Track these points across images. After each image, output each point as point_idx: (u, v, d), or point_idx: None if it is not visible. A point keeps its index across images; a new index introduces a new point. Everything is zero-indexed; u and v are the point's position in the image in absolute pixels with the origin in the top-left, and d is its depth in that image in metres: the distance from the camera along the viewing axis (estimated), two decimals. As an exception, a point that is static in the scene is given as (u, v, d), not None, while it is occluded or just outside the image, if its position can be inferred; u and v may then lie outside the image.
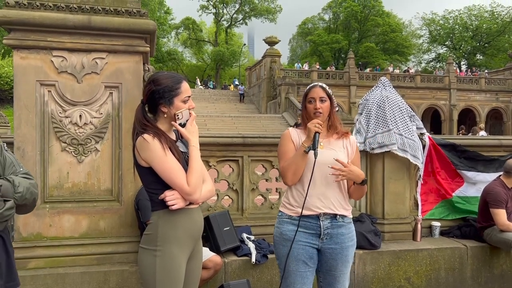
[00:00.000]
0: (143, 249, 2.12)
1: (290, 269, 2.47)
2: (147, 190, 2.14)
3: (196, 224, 2.18)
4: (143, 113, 2.14)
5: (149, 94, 2.12)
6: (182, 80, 2.16)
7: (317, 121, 2.39)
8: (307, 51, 58.68)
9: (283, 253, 2.49)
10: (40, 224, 3.38)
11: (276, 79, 31.79)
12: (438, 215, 4.74)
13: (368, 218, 4.29)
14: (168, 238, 2.07)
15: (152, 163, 2.03)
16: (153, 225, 2.10)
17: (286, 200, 2.57)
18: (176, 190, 2.05)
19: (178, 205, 2.06)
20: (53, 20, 3.27)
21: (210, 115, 28.05)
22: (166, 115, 2.13)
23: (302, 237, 2.46)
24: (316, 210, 2.45)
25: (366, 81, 34.30)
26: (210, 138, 4.12)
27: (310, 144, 2.37)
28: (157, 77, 2.14)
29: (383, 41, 54.29)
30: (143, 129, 2.08)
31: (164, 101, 2.11)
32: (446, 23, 56.18)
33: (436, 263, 4.19)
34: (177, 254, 2.08)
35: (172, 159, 2.03)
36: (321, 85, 2.57)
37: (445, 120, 36.76)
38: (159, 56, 50.75)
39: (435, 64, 57.38)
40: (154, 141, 2.02)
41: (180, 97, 2.12)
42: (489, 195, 4.28)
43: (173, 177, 2.03)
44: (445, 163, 4.73)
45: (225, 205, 4.30)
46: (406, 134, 4.32)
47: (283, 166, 2.50)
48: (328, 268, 2.52)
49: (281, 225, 2.53)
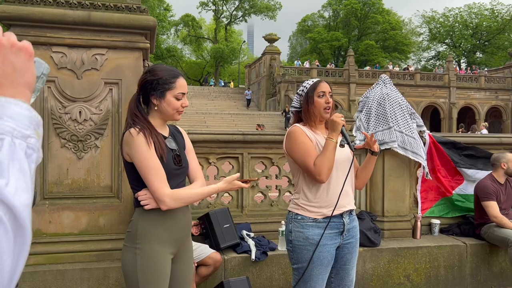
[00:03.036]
0: (125, 247, 2.07)
1: (313, 274, 2.40)
2: (131, 185, 2.11)
3: (179, 224, 2.08)
4: (136, 104, 2.08)
5: (143, 83, 2.07)
6: (179, 76, 2.09)
7: (341, 115, 2.34)
8: (306, 49, 58.62)
9: (307, 257, 2.38)
10: (39, 221, 3.38)
11: (276, 77, 31.76)
12: (438, 213, 4.74)
13: (368, 215, 4.29)
14: (147, 236, 2.00)
15: (133, 159, 1.98)
16: (134, 222, 2.05)
17: (306, 203, 2.41)
18: (150, 190, 1.98)
19: (150, 206, 1.99)
20: (52, 16, 3.25)
21: (209, 112, 28.04)
22: (157, 107, 2.06)
23: (328, 239, 2.39)
24: (342, 209, 2.42)
25: (366, 79, 34.29)
26: (210, 135, 4.11)
27: (342, 138, 2.31)
28: (154, 68, 2.08)
29: (383, 39, 54.23)
30: (133, 121, 2.02)
31: (156, 93, 2.03)
32: (446, 21, 56.13)
33: (435, 261, 4.19)
34: (158, 251, 2.01)
35: (153, 157, 1.95)
36: (325, 81, 2.55)
37: (445, 118, 36.77)
38: (158, 53, 50.64)
39: (434, 62, 57.40)
40: (139, 136, 1.95)
41: (173, 92, 2.04)
42: (478, 189, 4.36)
43: (149, 177, 1.95)
44: (445, 161, 4.73)
45: (224, 202, 4.30)
46: (407, 131, 4.31)
47: (317, 163, 2.29)
48: (343, 263, 2.51)
49: (306, 229, 2.38)
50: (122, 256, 2.08)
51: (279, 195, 4.40)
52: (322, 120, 2.50)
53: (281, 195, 4.40)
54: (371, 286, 4.03)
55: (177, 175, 2.03)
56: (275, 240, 3.97)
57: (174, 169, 2.04)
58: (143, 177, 1.96)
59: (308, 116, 2.47)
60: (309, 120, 2.48)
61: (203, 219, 3.83)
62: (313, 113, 2.45)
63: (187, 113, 26.69)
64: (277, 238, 3.94)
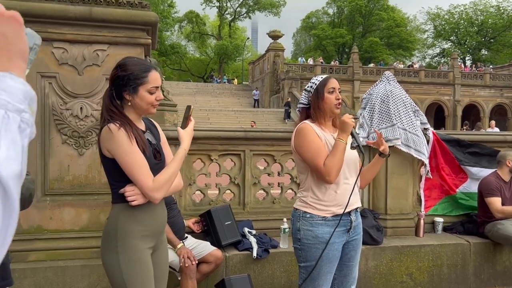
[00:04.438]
0: (105, 248, 2.00)
1: (322, 272, 2.38)
2: (109, 181, 2.04)
3: (158, 220, 2.08)
4: (110, 99, 2.02)
5: (114, 79, 2.00)
6: (151, 69, 2.02)
7: (351, 116, 2.33)
8: (311, 46, 58.39)
9: (315, 256, 2.37)
10: (40, 217, 3.37)
11: (280, 74, 31.69)
12: (441, 211, 4.70)
13: (370, 213, 4.26)
14: (128, 233, 1.96)
15: (115, 155, 1.92)
16: (112, 220, 2.00)
17: (315, 201, 2.38)
18: (137, 185, 1.93)
19: (138, 201, 1.95)
20: (53, 11, 3.23)
21: (213, 109, 28.01)
22: (130, 103, 2.00)
23: (337, 237, 2.39)
24: (350, 207, 2.41)
25: (370, 76, 34.16)
26: (211, 132, 4.09)
27: (352, 140, 2.32)
28: (125, 62, 2.01)
29: (388, 36, 53.91)
30: (110, 116, 1.96)
31: (128, 89, 1.97)
32: (451, 18, 55.74)
33: (438, 259, 4.16)
34: (140, 246, 1.98)
35: (137, 152, 1.92)
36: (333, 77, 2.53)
37: (449, 115, 36.61)
38: (162, 50, 50.62)
39: (439, 59, 57.05)
40: (120, 132, 1.90)
41: (146, 86, 1.98)
42: (481, 185, 4.34)
43: (135, 172, 1.91)
44: (449, 159, 4.69)
45: (226, 199, 4.28)
46: (410, 129, 4.27)
47: (327, 164, 2.27)
48: (347, 260, 2.51)
49: (315, 227, 2.36)
50: (103, 259, 2.01)
51: (281, 192, 4.38)
52: (332, 116, 2.47)
53: (283, 192, 4.38)
54: (374, 285, 4.01)
55: (157, 169, 1.98)
56: (277, 238, 3.95)
57: (155, 163, 2.00)
58: (129, 172, 1.91)
59: (319, 113, 2.42)
60: (318, 117, 2.43)
61: (205, 216, 3.81)
62: (323, 109, 2.41)
63: (191, 110, 26.62)
64: (279, 236, 3.92)
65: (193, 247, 3.44)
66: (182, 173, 4.05)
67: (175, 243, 3.25)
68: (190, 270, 3.19)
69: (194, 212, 4.06)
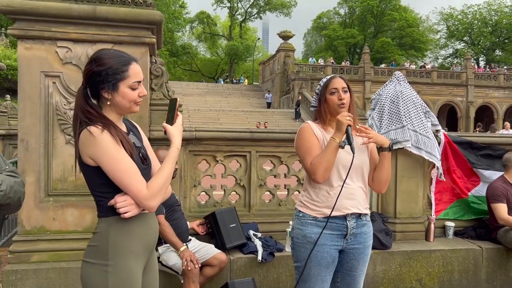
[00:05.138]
0: (90, 264, 1.72)
1: (311, 273, 2.34)
2: (93, 193, 1.75)
3: (152, 232, 1.84)
4: (85, 99, 1.74)
5: (89, 76, 1.72)
6: (131, 61, 1.76)
7: (347, 114, 2.23)
8: (321, 46, 58.17)
9: (305, 256, 2.33)
10: (43, 218, 3.34)
11: (290, 74, 31.60)
12: (453, 215, 4.58)
13: (379, 217, 4.16)
14: (121, 250, 1.71)
15: (100, 163, 1.65)
16: (102, 234, 1.72)
17: (308, 200, 2.37)
18: (129, 194, 1.68)
19: (132, 213, 1.69)
20: (57, 10, 3.20)
21: (223, 109, 28.03)
22: (110, 102, 1.74)
23: (328, 240, 2.31)
24: (344, 211, 2.31)
25: (381, 77, 33.88)
26: (217, 133, 4.03)
27: (343, 139, 2.21)
28: (100, 56, 1.74)
29: (400, 36, 53.46)
30: (88, 118, 1.69)
31: (107, 86, 1.71)
32: (465, 18, 55.07)
33: (449, 265, 4.05)
34: (133, 267, 1.73)
35: (125, 157, 1.67)
36: (340, 76, 2.45)
37: (462, 117, 36.15)
38: (173, 50, 50.88)
39: (452, 60, 56.39)
40: (103, 135, 1.65)
41: (127, 82, 1.72)
42: (487, 190, 4.24)
43: (126, 180, 1.65)
44: (461, 161, 4.57)
45: (232, 201, 4.22)
46: (421, 130, 4.16)
47: (313, 162, 2.26)
48: (348, 269, 2.41)
49: (305, 227, 2.34)
50: (84, 275, 1.73)
51: (288, 194, 4.30)
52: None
53: (290, 194, 4.30)
54: (382, 290, 3.91)
55: (144, 175, 1.73)
56: (283, 241, 3.87)
57: (143, 168, 1.76)
58: (118, 181, 1.66)
59: (319, 115, 2.43)
60: (320, 118, 2.43)
61: (209, 218, 3.75)
62: (324, 111, 2.40)
63: (201, 110, 26.75)
64: (285, 239, 3.84)
65: (197, 249, 3.39)
66: (187, 174, 4.02)
67: (178, 246, 3.20)
68: (192, 273, 3.13)
69: (199, 213, 4.01)
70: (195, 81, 46.72)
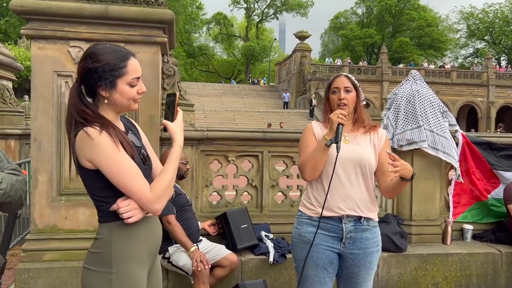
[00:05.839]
0: (91, 272, 1.63)
1: (308, 274, 2.29)
2: (93, 197, 1.66)
3: (156, 236, 1.77)
4: (80, 97, 1.63)
5: (84, 72, 1.61)
6: (130, 56, 1.64)
7: (340, 112, 2.17)
8: (339, 46, 57.79)
9: (301, 256, 2.30)
10: (55, 217, 3.36)
11: (306, 74, 31.44)
12: (471, 218, 4.45)
13: (394, 219, 4.06)
14: (125, 257, 1.63)
15: (100, 166, 1.56)
16: (104, 241, 1.63)
17: (307, 199, 2.37)
18: (133, 198, 1.59)
19: (136, 217, 1.61)
20: (69, 10, 3.21)
21: (239, 110, 28.06)
22: (107, 100, 1.63)
23: (323, 240, 2.26)
24: (338, 212, 2.24)
25: (399, 77, 33.37)
26: (229, 132, 4.00)
27: (332, 137, 2.14)
28: (96, 51, 1.62)
29: (418, 36, 52.70)
30: (83, 119, 1.58)
31: (104, 83, 1.60)
32: (486, 17, 53.95)
33: (467, 269, 3.93)
34: (138, 274, 1.66)
35: (126, 159, 1.58)
36: (346, 75, 2.39)
37: (482, 117, 35.40)
38: (190, 51, 51.20)
39: (472, 60, 55.26)
40: (102, 137, 1.54)
41: (126, 78, 1.62)
42: (505, 191, 4.11)
43: (128, 183, 1.56)
44: (480, 163, 4.43)
45: (244, 201, 4.18)
46: (438, 130, 4.06)
47: (302, 160, 2.31)
48: (349, 275, 2.32)
49: (300, 226, 2.33)
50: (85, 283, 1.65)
51: (301, 195, 4.24)
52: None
53: (303, 195, 4.23)
54: (397, 294, 3.82)
55: (146, 175, 1.65)
56: (295, 242, 3.81)
57: (144, 169, 1.67)
58: (120, 184, 1.57)
59: (325, 113, 2.41)
60: (324, 116, 2.43)
61: (220, 218, 3.72)
62: (326, 109, 2.40)
63: (217, 111, 26.83)
64: (297, 240, 3.78)
65: (207, 250, 3.36)
66: (199, 174, 4.00)
67: (188, 246, 3.17)
68: (202, 274, 3.10)
69: (210, 214, 3.98)
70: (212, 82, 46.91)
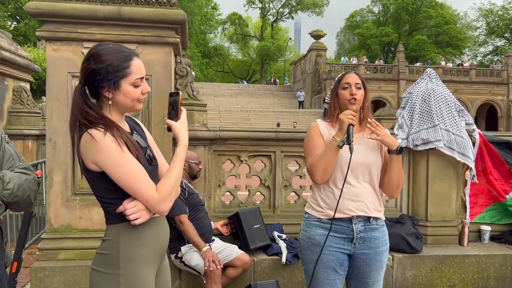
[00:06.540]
0: (99, 273, 1.63)
1: (319, 277, 2.26)
2: (99, 199, 1.66)
3: (163, 237, 1.76)
4: (84, 98, 1.62)
5: (88, 73, 1.60)
6: (133, 56, 1.63)
7: (350, 112, 2.14)
8: (354, 45, 57.27)
9: (310, 259, 2.27)
10: (70, 216, 3.40)
11: (321, 74, 31.27)
12: (489, 219, 4.35)
13: (409, 219, 4.00)
14: (132, 258, 1.63)
15: (105, 168, 1.55)
16: (112, 242, 1.63)
17: (314, 201, 2.32)
18: (139, 199, 1.59)
19: (143, 219, 1.60)
20: (83, 12, 3.25)
21: (253, 110, 28.08)
22: (111, 101, 1.62)
23: (333, 242, 2.23)
24: (348, 213, 2.21)
25: (417, 75, 32.87)
26: (241, 132, 4.00)
27: (343, 138, 2.12)
28: (99, 52, 1.61)
29: (436, 34, 51.85)
30: (87, 120, 1.57)
31: (108, 84, 1.59)
32: (506, 13, 52.76)
33: (484, 271, 3.85)
34: (146, 275, 1.66)
35: (131, 160, 1.57)
36: (355, 72, 2.37)
37: (502, 116, 34.65)
38: (205, 52, 51.42)
39: (492, 58, 54.16)
40: (106, 139, 1.54)
41: (130, 79, 1.60)
42: None
43: (134, 185, 1.56)
44: (498, 162, 4.33)
45: (256, 201, 4.17)
46: (454, 130, 3.98)
47: (312, 162, 2.22)
48: (360, 275, 2.30)
49: (309, 228, 2.29)
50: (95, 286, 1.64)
51: (314, 195, 4.21)
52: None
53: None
54: (412, 296, 3.76)
55: (152, 177, 1.64)
56: (308, 243, 3.79)
57: (150, 170, 1.66)
58: (126, 186, 1.57)
59: (330, 111, 2.35)
60: (331, 114, 2.35)
61: (233, 218, 3.72)
62: (334, 106, 2.32)
63: (232, 111, 26.89)
64: (310, 241, 3.75)
65: (220, 250, 3.36)
66: (211, 174, 4.01)
67: (201, 246, 3.18)
68: (214, 274, 3.10)
69: (223, 214, 3.98)
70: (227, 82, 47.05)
